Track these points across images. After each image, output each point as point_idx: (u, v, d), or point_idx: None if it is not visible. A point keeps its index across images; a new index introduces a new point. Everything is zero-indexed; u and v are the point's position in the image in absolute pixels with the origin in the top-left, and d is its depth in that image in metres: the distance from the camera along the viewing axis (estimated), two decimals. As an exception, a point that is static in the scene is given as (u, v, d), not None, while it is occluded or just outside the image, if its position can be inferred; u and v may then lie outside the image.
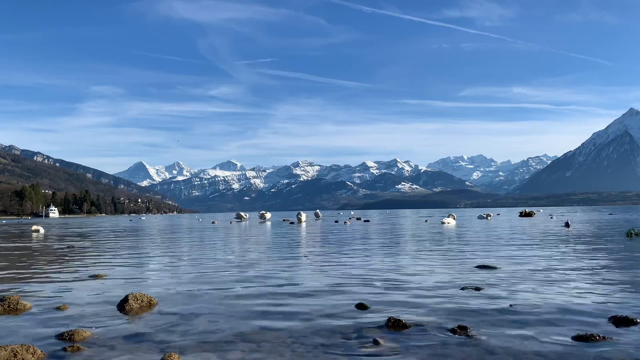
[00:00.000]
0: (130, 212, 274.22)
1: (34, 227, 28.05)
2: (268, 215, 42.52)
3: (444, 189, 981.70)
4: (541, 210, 73.67)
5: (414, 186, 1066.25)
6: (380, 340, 3.96)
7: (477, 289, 6.06)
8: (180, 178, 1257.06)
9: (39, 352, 3.72)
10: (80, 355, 3.78)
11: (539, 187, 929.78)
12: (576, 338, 3.92)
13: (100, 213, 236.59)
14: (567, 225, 21.71)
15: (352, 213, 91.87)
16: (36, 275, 8.26)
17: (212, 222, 41.16)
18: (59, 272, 8.59)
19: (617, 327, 4.27)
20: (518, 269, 7.89)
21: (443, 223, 27.20)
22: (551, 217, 39.63)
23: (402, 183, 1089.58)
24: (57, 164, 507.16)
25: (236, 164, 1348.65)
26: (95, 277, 7.85)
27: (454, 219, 30.56)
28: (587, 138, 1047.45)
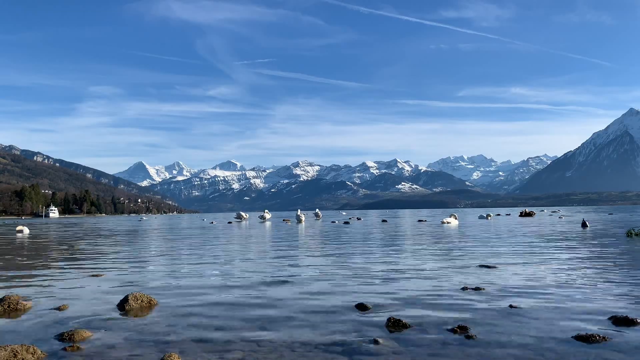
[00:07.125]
0: (130, 212, 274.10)
1: (18, 228, 26.54)
2: (268, 215, 42.57)
3: (444, 189, 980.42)
4: (544, 210, 73.43)
5: (414, 186, 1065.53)
6: (380, 340, 3.96)
7: (478, 288, 6.06)
8: (180, 178, 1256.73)
9: (39, 352, 3.72)
10: (81, 355, 3.78)
11: (539, 187, 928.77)
12: (576, 338, 3.93)
13: (100, 213, 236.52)
14: (584, 225, 21.45)
15: (344, 214, 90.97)
16: (36, 276, 8.27)
17: (211, 222, 41.10)
18: (59, 272, 8.58)
19: (617, 327, 4.27)
20: (518, 269, 7.89)
21: (443, 223, 27.09)
22: (560, 218, 38.86)
23: (402, 183, 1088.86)
24: (57, 164, 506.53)
25: (236, 164, 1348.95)
26: (95, 277, 7.86)
27: (456, 219, 30.46)
28: (587, 138, 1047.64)
